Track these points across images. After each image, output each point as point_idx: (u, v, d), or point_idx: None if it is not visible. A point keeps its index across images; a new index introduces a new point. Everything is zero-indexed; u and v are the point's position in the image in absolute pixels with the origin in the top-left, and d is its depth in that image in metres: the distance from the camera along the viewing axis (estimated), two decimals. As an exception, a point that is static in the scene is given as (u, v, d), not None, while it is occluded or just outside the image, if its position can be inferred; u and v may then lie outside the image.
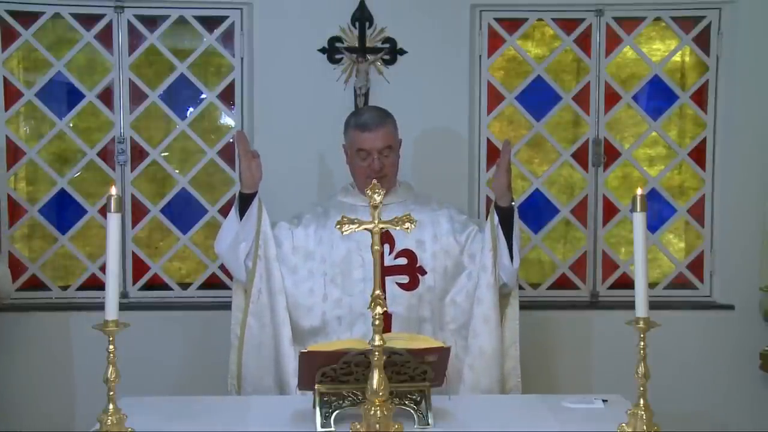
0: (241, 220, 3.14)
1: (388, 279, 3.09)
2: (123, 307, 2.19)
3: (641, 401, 2.17)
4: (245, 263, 3.18)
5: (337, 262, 3.17)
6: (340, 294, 3.15)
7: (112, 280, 2.11)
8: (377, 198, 2.21)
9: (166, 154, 4.33)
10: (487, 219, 3.19)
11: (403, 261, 3.15)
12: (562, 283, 4.39)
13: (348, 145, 3.24)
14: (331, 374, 2.43)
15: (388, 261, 3.11)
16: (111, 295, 2.10)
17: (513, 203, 3.17)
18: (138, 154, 4.27)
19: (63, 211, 4.30)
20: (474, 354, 3.15)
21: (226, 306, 4.27)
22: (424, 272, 3.16)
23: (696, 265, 4.42)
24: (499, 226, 3.15)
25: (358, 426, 2.18)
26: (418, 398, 2.46)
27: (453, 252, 3.20)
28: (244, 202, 3.15)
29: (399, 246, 3.15)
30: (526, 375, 4.14)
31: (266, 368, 3.18)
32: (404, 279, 3.14)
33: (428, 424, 2.44)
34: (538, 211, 4.40)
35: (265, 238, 3.16)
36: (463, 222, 3.27)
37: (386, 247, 3.10)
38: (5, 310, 3.91)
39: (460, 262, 3.21)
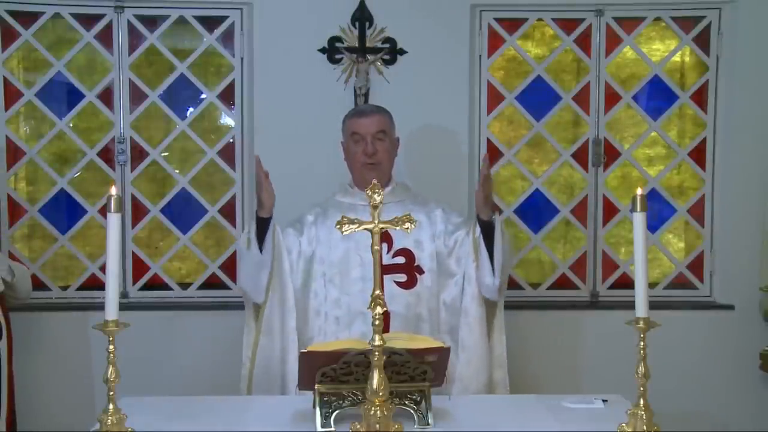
0: (260, 245, 3.13)
1: (387, 277, 3.09)
2: (123, 307, 2.19)
3: (641, 401, 2.17)
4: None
5: (336, 262, 3.18)
6: (338, 294, 3.16)
7: (112, 280, 2.11)
8: (377, 198, 2.21)
9: (166, 154, 4.33)
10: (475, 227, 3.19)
11: (401, 260, 3.17)
12: (562, 283, 4.39)
13: (344, 134, 3.29)
14: (331, 374, 2.43)
15: (386, 259, 3.12)
16: (111, 295, 2.10)
17: (494, 217, 3.14)
18: (138, 154, 4.27)
19: (63, 211, 4.30)
20: (462, 363, 3.16)
21: (226, 306, 4.29)
22: (422, 271, 3.17)
23: (696, 265, 4.42)
24: (482, 239, 3.13)
25: (358, 426, 2.17)
26: (418, 398, 2.46)
27: (444, 254, 3.22)
28: (260, 225, 3.15)
29: (397, 245, 3.16)
30: (527, 374, 4.15)
31: (273, 383, 3.21)
32: (402, 278, 3.15)
33: (428, 424, 2.44)
34: (538, 211, 4.40)
35: (280, 258, 3.18)
36: (457, 225, 3.27)
37: (384, 246, 3.10)
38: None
39: (449, 265, 3.22)
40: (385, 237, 3.12)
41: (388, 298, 3.00)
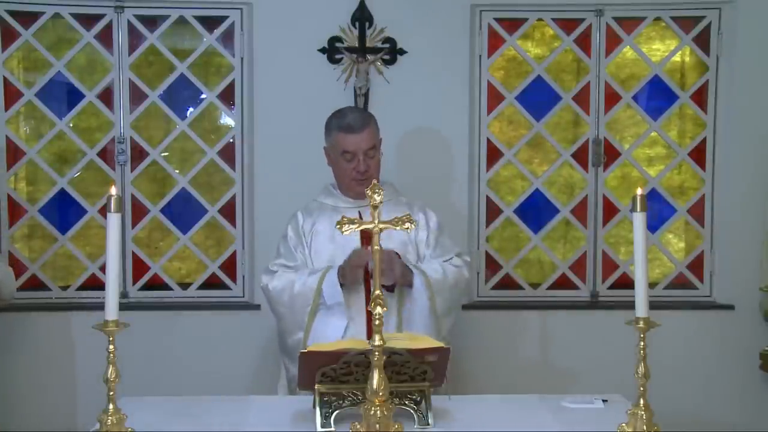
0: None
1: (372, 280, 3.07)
2: (123, 307, 2.19)
3: (641, 401, 2.17)
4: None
5: (322, 268, 3.15)
6: None
7: (112, 280, 2.11)
8: (377, 198, 2.21)
9: (166, 154, 4.33)
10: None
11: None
12: (562, 283, 4.39)
13: (331, 147, 3.24)
14: (331, 374, 2.43)
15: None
16: (111, 295, 2.10)
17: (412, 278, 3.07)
18: (138, 154, 4.27)
19: (63, 211, 4.30)
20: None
21: (226, 306, 4.30)
22: None
23: (696, 265, 4.42)
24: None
25: (358, 426, 2.17)
26: (418, 398, 2.46)
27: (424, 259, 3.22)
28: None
29: (384, 248, 3.12)
30: (526, 374, 4.15)
31: None
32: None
33: (428, 424, 2.44)
34: (538, 211, 4.40)
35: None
36: (435, 238, 3.24)
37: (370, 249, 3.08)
38: (5, 310, 3.91)
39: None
40: (369, 240, 3.09)
41: None
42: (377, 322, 2.14)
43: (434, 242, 3.24)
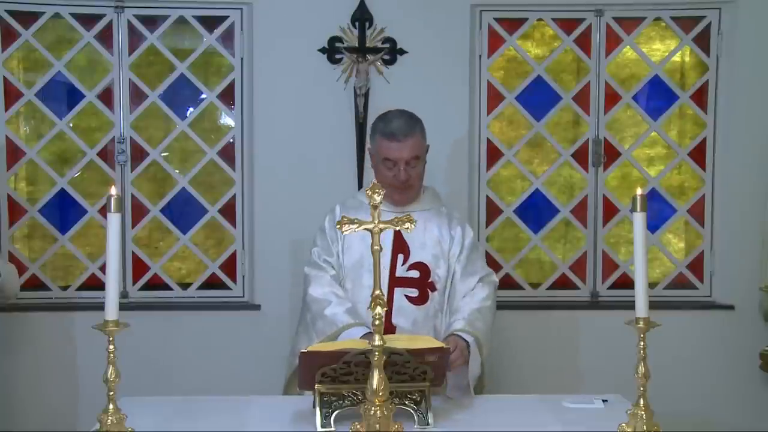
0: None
1: (398, 290, 3.04)
2: (123, 307, 2.20)
3: (641, 401, 2.17)
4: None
5: (349, 266, 3.11)
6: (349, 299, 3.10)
7: (112, 280, 2.11)
8: (377, 198, 2.21)
9: (166, 154, 4.33)
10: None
11: (415, 274, 3.09)
12: (562, 283, 4.39)
13: (374, 150, 3.13)
14: (331, 374, 2.43)
15: (401, 272, 3.06)
16: (111, 295, 2.10)
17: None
18: (138, 154, 4.27)
19: (63, 211, 4.30)
20: None
21: (226, 306, 4.30)
22: (434, 288, 3.10)
23: (696, 265, 4.42)
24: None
25: (358, 426, 2.17)
26: (418, 398, 2.46)
27: (456, 275, 3.14)
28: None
29: (414, 258, 3.09)
30: (526, 374, 4.16)
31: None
32: (414, 292, 3.07)
33: (428, 424, 2.44)
34: (538, 211, 4.41)
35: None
36: (466, 256, 3.17)
37: (400, 257, 3.06)
38: (6, 310, 3.91)
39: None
40: (402, 248, 3.07)
41: (396, 311, 2.98)
42: (377, 323, 2.14)
43: (465, 260, 3.15)
